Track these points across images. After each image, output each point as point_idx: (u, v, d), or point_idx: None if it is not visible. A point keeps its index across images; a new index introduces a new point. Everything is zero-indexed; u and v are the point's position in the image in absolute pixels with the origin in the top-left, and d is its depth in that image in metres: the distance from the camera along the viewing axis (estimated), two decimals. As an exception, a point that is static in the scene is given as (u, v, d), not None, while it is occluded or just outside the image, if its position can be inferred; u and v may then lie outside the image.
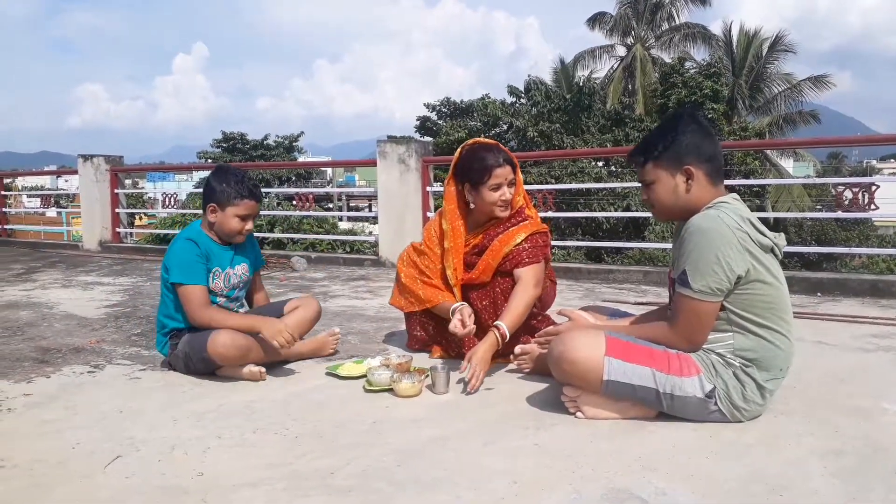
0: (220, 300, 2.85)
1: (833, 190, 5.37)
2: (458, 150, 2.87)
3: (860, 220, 20.16)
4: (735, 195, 2.16)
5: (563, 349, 2.14)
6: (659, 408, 2.11)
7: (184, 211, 10.78)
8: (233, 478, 1.79)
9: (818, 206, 21.34)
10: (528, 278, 2.70)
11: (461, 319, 2.62)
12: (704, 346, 2.10)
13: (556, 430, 2.10)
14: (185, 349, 2.71)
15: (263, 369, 2.64)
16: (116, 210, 8.35)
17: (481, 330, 2.68)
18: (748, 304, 2.05)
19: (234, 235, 2.82)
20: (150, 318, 3.97)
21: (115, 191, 8.33)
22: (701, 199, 2.12)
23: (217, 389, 2.57)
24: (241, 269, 2.93)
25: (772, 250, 2.08)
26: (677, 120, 2.18)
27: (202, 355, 2.62)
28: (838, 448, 1.93)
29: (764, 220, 2.17)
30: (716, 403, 2.07)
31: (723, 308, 2.06)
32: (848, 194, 4.85)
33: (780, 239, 2.11)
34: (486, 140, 2.84)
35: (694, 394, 2.06)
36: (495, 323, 2.60)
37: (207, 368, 2.68)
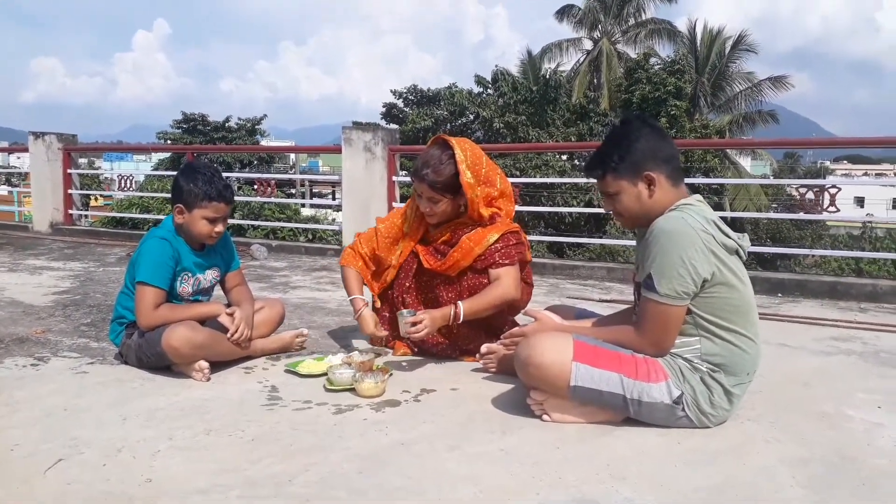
0: (183, 302, 2.72)
1: (795, 190, 5.44)
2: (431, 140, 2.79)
3: (813, 220, 20.64)
4: (699, 196, 2.13)
5: (530, 353, 2.09)
6: (626, 413, 2.08)
7: (141, 193, 10.48)
8: (183, 484, 1.70)
9: (774, 206, 21.76)
10: (507, 281, 2.65)
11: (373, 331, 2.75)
12: (671, 351, 2.07)
13: (522, 433, 2.05)
14: (139, 340, 2.59)
15: (207, 369, 2.52)
16: (69, 191, 8.05)
17: (445, 326, 2.64)
18: (714, 308, 2.02)
19: (203, 238, 2.69)
20: (101, 306, 3.81)
21: (69, 171, 8.03)
22: (665, 202, 2.08)
23: (170, 386, 2.46)
24: (211, 275, 2.80)
25: (736, 252, 2.06)
26: (628, 126, 2.14)
27: (156, 349, 2.51)
28: (806, 456, 1.92)
29: (723, 219, 2.15)
30: (683, 409, 2.04)
31: (689, 312, 2.03)
32: (810, 196, 4.91)
33: (745, 240, 2.09)
34: (449, 139, 2.69)
35: (661, 399, 2.03)
36: (456, 301, 2.61)
37: (160, 363, 2.56)
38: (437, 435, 2.04)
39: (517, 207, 2.93)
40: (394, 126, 19.28)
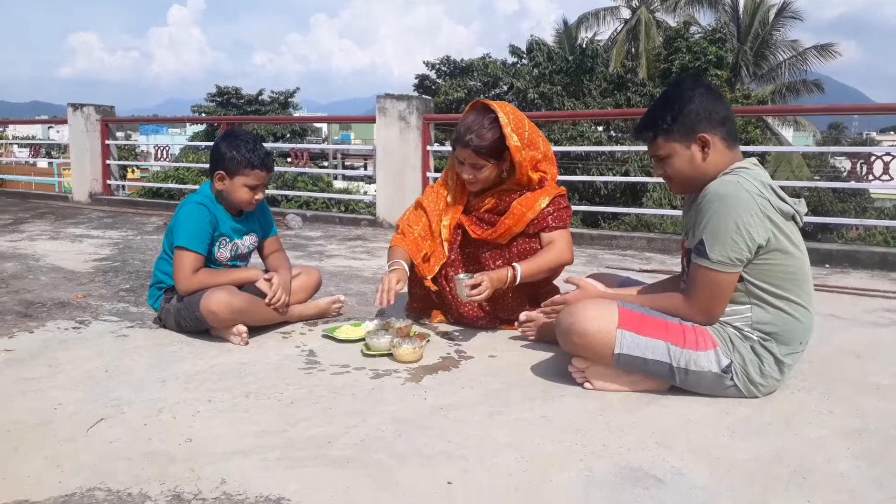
0: (222, 268, 2.72)
1: (846, 159, 5.25)
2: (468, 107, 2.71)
3: (857, 192, 20.04)
4: (754, 160, 2.04)
5: (574, 321, 2.03)
6: (672, 382, 2.02)
7: (177, 164, 10.58)
8: (223, 445, 1.69)
9: (817, 177, 21.17)
10: (562, 244, 2.61)
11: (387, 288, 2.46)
12: (721, 319, 2.00)
13: (564, 401, 2.00)
14: (178, 304, 2.60)
15: (245, 333, 2.52)
16: (107, 162, 8.15)
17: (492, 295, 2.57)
18: (768, 275, 1.94)
19: (243, 206, 2.68)
20: (139, 273, 3.84)
21: (106, 142, 8.13)
22: (719, 165, 1.99)
23: (208, 349, 2.46)
24: (249, 240, 2.79)
25: (793, 218, 1.97)
26: (681, 87, 2.05)
27: (195, 313, 2.51)
28: (860, 428, 1.84)
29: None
30: (732, 378, 1.97)
31: (741, 279, 1.95)
32: (859, 166, 4.74)
33: (801, 206, 2.00)
34: (490, 103, 2.62)
35: (709, 368, 1.96)
36: (513, 264, 2.53)
37: (198, 327, 2.57)
38: (476, 401, 2.01)
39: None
40: (426, 97, 19.12)
